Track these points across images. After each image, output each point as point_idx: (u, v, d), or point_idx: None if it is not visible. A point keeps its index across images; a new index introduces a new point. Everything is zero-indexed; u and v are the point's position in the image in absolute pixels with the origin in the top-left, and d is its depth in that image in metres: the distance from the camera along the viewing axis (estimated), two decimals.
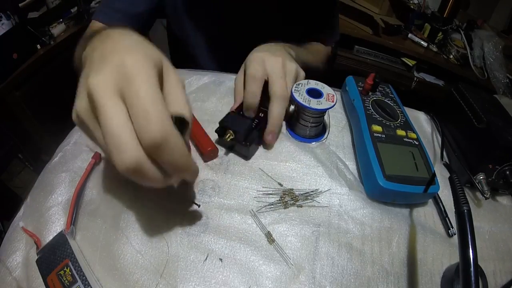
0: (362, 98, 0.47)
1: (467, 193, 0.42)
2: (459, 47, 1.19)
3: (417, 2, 1.32)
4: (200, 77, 0.54)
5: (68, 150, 0.43)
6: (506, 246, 0.38)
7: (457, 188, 0.30)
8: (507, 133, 0.40)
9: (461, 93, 0.48)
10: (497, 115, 0.44)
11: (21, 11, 0.99)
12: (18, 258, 0.32)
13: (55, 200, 0.36)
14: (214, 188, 0.39)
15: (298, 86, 0.44)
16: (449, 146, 0.47)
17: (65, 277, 0.29)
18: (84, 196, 0.37)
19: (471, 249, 0.25)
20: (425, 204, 0.41)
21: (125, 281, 0.31)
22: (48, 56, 1.06)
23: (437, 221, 0.39)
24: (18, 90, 1.00)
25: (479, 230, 0.39)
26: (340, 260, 0.33)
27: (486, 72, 1.14)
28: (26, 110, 1.04)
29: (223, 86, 0.53)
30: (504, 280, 0.35)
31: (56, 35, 1.11)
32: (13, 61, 0.97)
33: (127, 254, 0.32)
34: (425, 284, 0.33)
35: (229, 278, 0.31)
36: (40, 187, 0.38)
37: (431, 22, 1.24)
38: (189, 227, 0.35)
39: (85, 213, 0.35)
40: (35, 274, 0.31)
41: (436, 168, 0.40)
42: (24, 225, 0.34)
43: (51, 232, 0.34)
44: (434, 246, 0.36)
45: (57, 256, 0.31)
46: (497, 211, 0.42)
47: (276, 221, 0.36)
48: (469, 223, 0.27)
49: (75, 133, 0.45)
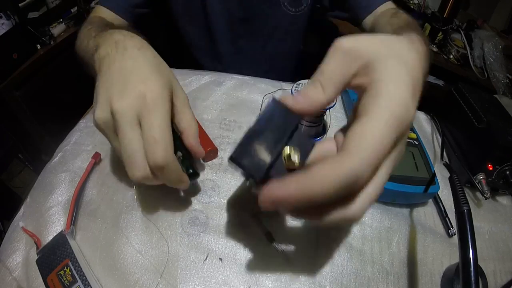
0: None
1: (467, 193, 0.42)
2: (459, 47, 1.19)
3: (417, 2, 1.32)
4: (200, 77, 0.54)
5: (68, 150, 0.43)
6: (506, 246, 0.38)
7: (457, 188, 0.30)
8: (507, 133, 0.40)
9: (461, 93, 0.48)
10: (497, 115, 0.44)
11: (21, 11, 0.99)
12: (18, 258, 0.32)
13: (55, 200, 0.36)
14: (214, 188, 0.39)
15: (299, 86, 0.44)
16: (449, 146, 0.47)
17: (65, 277, 0.29)
18: (84, 196, 0.37)
19: (471, 249, 0.25)
20: (425, 204, 0.41)
21: (125, 281, 0.31)
22: (48, 56, 1.06)
23: (437, 221, 0.39)
24: (18, 90, 0.99)
25: (479, 230, 0.39)
26: (340, 260, 0.33)
27: (486, 72, 1.14)
28: (26, 110, 1.03)
29: (223, 86, 0.53)
30: (504, 280, 0.35)
31: (56, 35, 1.10)
32: (13, 61, 0.96)
33: (127, 254, 0.32)
34: (425, 284, 0.33)
35: (229, 278, 0.31)
36: (40, 187, 0.38)
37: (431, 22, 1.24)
38: (189, 227, 0.35)
39: (85, 213, 0.35)
40: (35, 274, 0.31)
41: (436, 168, 0.40)
42: (24, 225, 0.34)
43: (51, 232, 0.34)
44: (434, 246, 0.36)
45: (57, 256, 0.31)
46: (497, 211, 0.42)
47: (276, 221, 0.36)
48: (469, 223, 0.27)
49: (75, 133, 0.45)
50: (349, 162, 0.17)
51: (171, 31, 0.69)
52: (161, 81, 0.29)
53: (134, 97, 0.27)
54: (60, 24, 1.13)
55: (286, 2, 0.61)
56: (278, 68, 0.72)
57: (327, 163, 0.18)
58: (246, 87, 0.54)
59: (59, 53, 1.09)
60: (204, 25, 0.64)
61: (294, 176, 0.18)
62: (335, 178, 0.17)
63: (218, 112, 0.49)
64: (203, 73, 0.56)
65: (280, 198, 0.18)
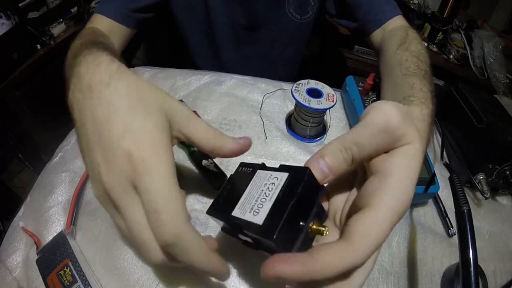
0: (362, 98, 0.47)
1: (467, 193, 0.42)
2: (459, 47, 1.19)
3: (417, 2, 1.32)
4: (200, 77, 0.54)
5: (68, 150, 0.43)
6: (506, 246, 0.38)
7: (457, 188, 0.30)
8: (507, 133, 0.40)
9: (461, 93, 0.48)
10: (497, 115, 0.44)
11: (21, 11, 0.99)
12: (18, 258, 0.32)
13: (55, 200, 0.36)
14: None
15: (298, 86, 0.44)
16: (449, 146, 0.47)
17: (65, 277, 0.29)
18: (84, 196, 0.37)
19: (471, 249, 0.25)
20: (425, 204, 0.41)
21: (125, 281, 0.31)
22: (48, 56, 1.06)
23: (437, 221, 0.39)
24: (18, 90, 0.99)
25: (479, 230, 0.39)
26: None
27: (486, 72, 1.14)
28: (26, 110, 1.03)
29: (223, 86, 0.53)
30: (504, 280, 0.35)
31: (56, 35, 1.10)
32: (13, 61, 0.96)
33: (127, 254, 0.32)
34: (425, 284, 0.33)
35: (229, 278, 0.31)
36: (40, 187, 0.38)
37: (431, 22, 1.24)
38: None
39: (85, 213, 0.35)
40: (35, 274, 0.31)
41: (436, 168, 0.40)
42: (24, 225, 0.34)
43: (51, 232, 0.34)
44: (434, 246, 0.36)
45: (57, 256, 0.31)
46: (497, 211, 0.42)
47: None
48: (469, 223, 0.27)
49: (75, 133, 0.45)
50: (353, 254, 0.19)
51: (173, 34, 0.68)
52: (146, 121, 0.22)
53: (119, 163, 0.21)
54: (60, 24, 1.13)
55: (291, 9, 0.61)
56: (280, 73, 0.72)
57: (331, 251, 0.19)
58: (246, 86, 0.54)
59: (59, 53, 1.09)
60: (207, 31, 0.64)
61: (299, 257, 0.18)
62: (338, 265, 0.18)
63: (218, 111, 0.49)
64: (203, 73, 0.56)
65: (283, 275, 0.18)
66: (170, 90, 0.52)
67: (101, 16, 0.50)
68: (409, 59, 0.41)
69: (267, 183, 0.23)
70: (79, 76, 0.25)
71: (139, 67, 0.58)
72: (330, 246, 0.19)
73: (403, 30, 0.49)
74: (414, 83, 0.36)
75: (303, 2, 0.60)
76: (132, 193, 0.21)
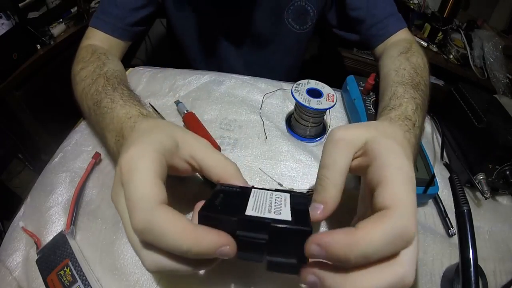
0: (363, 98, 0.47)
1: (467, 193, 0.42)
2: (459, 47, 1.19)
3: (417, 2, 1.32)
4: (200, 77, 0.54)
5: (68, 150, 0.43)
6: (506, 246, 0.38)
7: (457, 188, 0.30)
8: (507, 133, 0.40)
9: (461, 93, 0.48)
10: (497, 115, 0.44)
11: (21, 11, 0.99)
12: (18, 258, 0.32)
13: (55, 200, 0.36)
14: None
15: (298, 86, 0.44)
16: (449, 146, 0.47)
17: (65, 277, 0.29)
18: (84, 196, 0.37)
19: (471, 249, 0.25)
20: (425, 204, 0.41)
21: (125, 281, 0.31)
22: (48, 56, 1.06)
23: (437, 221, 0.39)
24: (18, 90, 0.99)
25: (479, 230, 0.39)
26: None
27: (486, 72, 1.14)
28: (26, 110, 1.03)
29: (223, 86, 0.53)
30: (504, 280, 0.35)
31: (56, 35, 1.10)
32: (13, 61, 0.96)
33: (127, 254, 0.32)
34: (425, 284, 0.33)
35: (229, 278, 0.31)
36: (40, 187, 0.38)
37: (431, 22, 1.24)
38: None
39: (85, 213, 0.35)
40: (35, 274, 0.31)
41: (436, 168, 0.40)
42: (24, 225, 0.34)
43: (51, 232, 0.34)
44: (434, 246, 0.36)
45: (57, 256, 0.31)
46: (497, 211, 0.42)
47: None
48: (469, 223, 0.27)
49: (75, 133, 0.45)
50: (392, 221, 0.20)
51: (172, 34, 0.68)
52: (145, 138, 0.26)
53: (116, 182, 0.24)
54: (60, 24, 1.13)
55: (290, 19, 0.61)
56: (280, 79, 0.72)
57: (371, 220, 0.20)
58: (246, 86, 0.54)
59: (59, 53, 1.09)
60: (207, 40, 0.64)
61: (342, 230, 0.20)
62: (382, 234, 0.19)
63: (218, 111, 0.49)
64: (203, 72, 0.56)
65: (328, 247, 0.19)
66: (170, 90, 0.52)
67: (97, 32, 0.50)
68: (407, 68, 0.42)
69: (272, 197, 0.25)
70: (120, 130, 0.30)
71: (139, 67, 0.58)
72: (369, 218, 0.20)
73: (407, 42, 0.50)
74: (399, 91, 0.37)
75: (303, 12, 0.60)
76: (121, 191, 0.23)
